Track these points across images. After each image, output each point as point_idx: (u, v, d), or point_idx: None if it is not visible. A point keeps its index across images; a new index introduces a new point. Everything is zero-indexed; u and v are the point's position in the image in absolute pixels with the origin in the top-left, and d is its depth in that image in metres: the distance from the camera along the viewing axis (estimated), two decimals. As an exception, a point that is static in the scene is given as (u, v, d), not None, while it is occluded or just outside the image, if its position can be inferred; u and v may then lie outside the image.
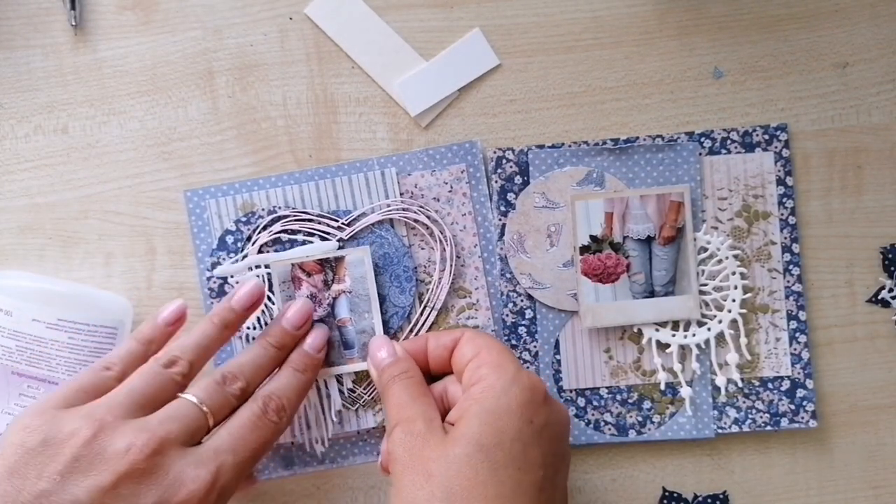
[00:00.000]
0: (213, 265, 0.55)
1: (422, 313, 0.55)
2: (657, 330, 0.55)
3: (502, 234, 0.55)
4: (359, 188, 0.55)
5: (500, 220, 0.55)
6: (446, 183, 0.55)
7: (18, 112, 0.56)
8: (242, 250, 0.54)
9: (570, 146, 0.56)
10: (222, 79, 0.56)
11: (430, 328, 0.55)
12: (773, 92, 0.57)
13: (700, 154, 0.56)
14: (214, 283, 0.55)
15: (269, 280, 0.54)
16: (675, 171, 0.56)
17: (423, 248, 0.55)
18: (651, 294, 0.55)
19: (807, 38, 0.57)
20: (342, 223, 0.54)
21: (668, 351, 0.55)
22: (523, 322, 0.55)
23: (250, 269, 0.54)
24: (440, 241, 0.55)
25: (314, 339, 0.52)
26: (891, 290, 0.57)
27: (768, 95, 0.57)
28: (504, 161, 0.56)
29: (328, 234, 0.54)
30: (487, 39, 0.56)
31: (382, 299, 0.54)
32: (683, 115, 0.57)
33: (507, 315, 0.55)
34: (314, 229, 0.54)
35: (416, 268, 0.55)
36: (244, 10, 0.56)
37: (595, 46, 0.57)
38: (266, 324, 0.54)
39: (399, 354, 0.51)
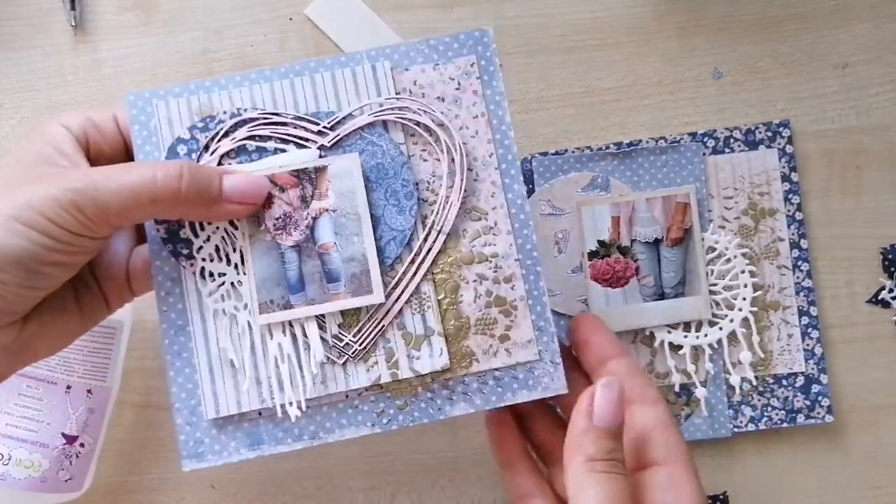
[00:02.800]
0: None
1: (426, 239, 0.43)
2: (669, 332, 0.55)
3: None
4: (344, 86, 0.44)
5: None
6: (452, 79, 0.44)
7: (18, 112, 0.56)
8: (198, 162, 0.43)
9: (573, 152, 0.56)
10: (222, 79, 0.56)
11: (437, 258, 0.43)
12: (773, 92, 0.57)
13: (704, 154, 0.56)
14: None
15: None
16: (680, 173, 0.56)
17: (425, 160, 0.44)
18: (661, 296, 0.55)
19: (807, 39, 0.57)
20: (324, 126, 0.44)
21: (680, 352, 0.55)
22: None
23: None
24: (447, 149, 0.44)
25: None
26: (890, 291, 0.57)
27: (768, 96, 0.57)
28: (508, 167, 0.55)
29: (306, 140, 0.44)
30: (487, 40, 0.57)
31: (376, 221, 0.43)
32: (683, 115, 0.57)
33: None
34: (289, 135, 0.44)
35: (417, 183, 0.44)
36: (244, 10, 0.56)
37: (595, 47, 0.57)
38: (227, 252, 0.43)
39: (616, 428, 0.40)
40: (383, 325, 0.43)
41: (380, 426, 0.42)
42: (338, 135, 0.44)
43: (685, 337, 0.55)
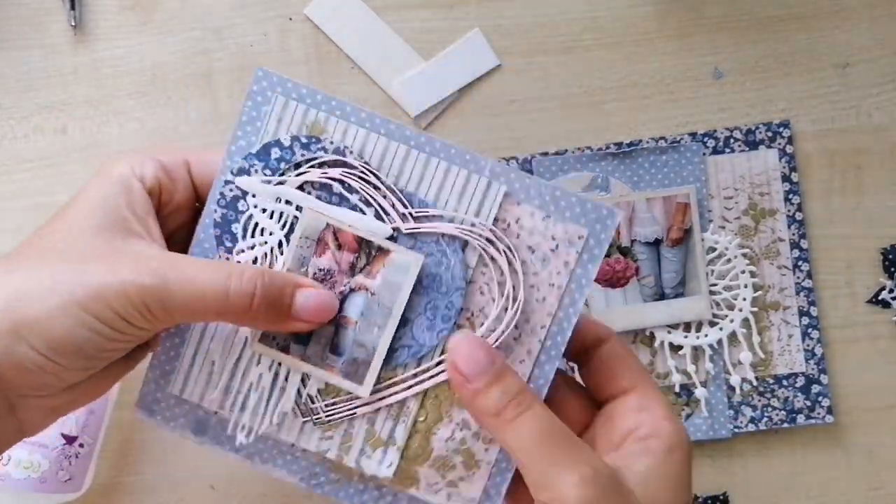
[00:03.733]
0: (241, 171, 0.42)
1: (438, 364, 0.42)
2: (669, 332, 0.55)
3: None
4: (452, 184, 0.42)
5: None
6: (554, 239, 0.42)
7: (18, 112, 0.56)
8: (283, 174, 0.42)
9: (573, 152, 0.56)
10: (222, 79, 0.56)
11: (437, 386, 0.43)
12: (773, 92, 0.57)
13: (704, 154, 0.56)
14: (231, 191, 0.42)
15: (293, 226, 0.42)
16: (680, 173, 0.56)
17: (482, 294, 0.42)
18: (661, 297, 0.55)
19: (807, 39, 0.57)
20: (410, 212, 0.42)
21: (680, 353, 0.55)
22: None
23: (279, 200, 0.42)
24: (508, 297, 0.42)
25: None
26: (891, 291, 0.57)
27: (768, 96, 0.57)
28: (508, 169, 0.55)
29: (388, 214, 0.42)
30: (487, 40, 0.56)
31: (404, 322, 0.42)
32: (683, 115, 0.57)
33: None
34: (375, 200, 0.42)
35: (461, 310, 0.42)
36: (244, 10, 0.56)
37: (595, 47, 0.57)
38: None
39: (500, 364, 0.40)
40: (355, 413, 0.43)
41: (306, 483, 0.44)
42: (418, 228, 0.42)
43: (685, 337, 0.55)
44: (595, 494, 0.37)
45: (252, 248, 0.43)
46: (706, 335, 0.55)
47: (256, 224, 0.42)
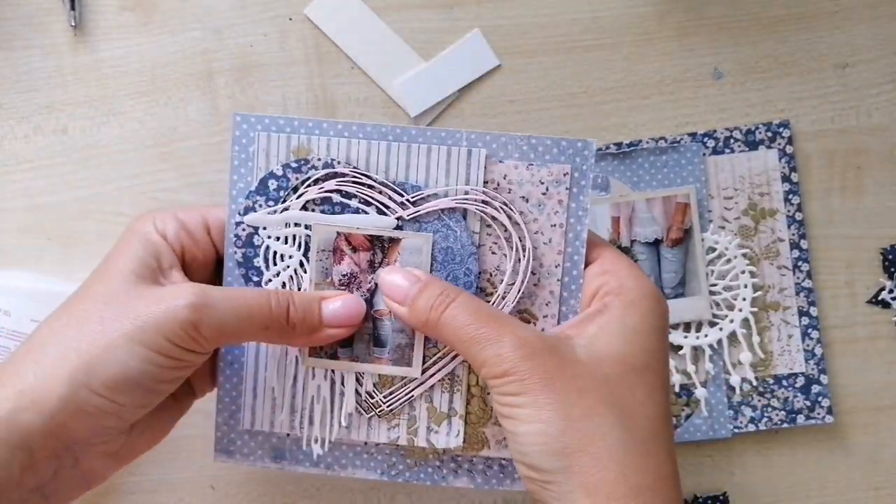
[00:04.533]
0: (247, 209, 0.46)
1: None
2: (669, 332, 0.55)
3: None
4: (437, 163, 0.45)
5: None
6: (542, 183, 0.45)
7: (18, 112, 0.56)
8: (284, 201, 0.45)
9: (573, 152, 0.56)
10: (222, 79, 0.56)
11: None
12: (773, 92, 0.57)
13: (704, 154, 0.56)
14: (243, 230, 0.46)
15: (307, 244, 0.46)
16: (680, 173, 0.56)
17: (494, 253, 0.45)
18: (661, 297, 0.55)
19: (807, 39, 0.57)
20: (407, 199, 0.45)
21: (680, 353, 0.55)
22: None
23: (288, 225, 0.46)
24: (517, 248, 0.45)
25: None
26: (891, 291, 0.57)
27: (768, 96, 0.57)
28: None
29: (388, 207, 0.45)
30: (487, 40, 0.57)
31: None
32: (683, 115, 0.57)
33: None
34: (373, 198, 0.45)
35: (480, 273, 0.45)
36: (244, 10, 0.56)
37: (595, 47, 0.57)
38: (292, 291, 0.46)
39: (424, 278, 0.43)
40: (413, 395, 0.46)
41: (388, 476, 0.47)
42: (418, 210, 0.45)
43: (685, 337, 0.55)
44: (524, 354, 0.39)
45: (277, 275, 0.46)
46: (706, 335, 0.55)
47: (275, 252, 0.46)
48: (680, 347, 0.55)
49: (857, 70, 0.57)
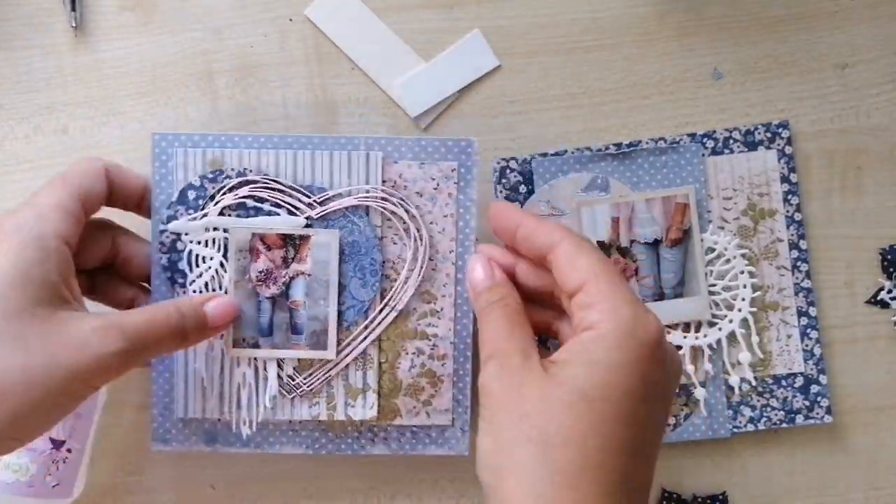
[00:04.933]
0: (170, 218, 0.51)
1: (381, 311, 0.52)
2: (668, 332, 0.55)
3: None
4: (339, 166, 0.51)
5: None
6: (433, 179, 0.51)
7: (18, 113, 0.56)
8: (203, 209, 0.51)
9: (573, 153, 0.56)
10: (222, 80, 0.56)
11: (386, 328, 0.52)
12: (773, 93, 0.57)
13: (703, 155, 0.56)
14: (167, 238, 0.51)
15: (226, 246, 0.51)
16: (679, 173, 0.56)
17: (395, 243, 0.52)
18: (661, 297, 0.55)
19: (807, 39, 0.57)
20: (314, 200, 0.51)
21: (680, 353, 0.55)
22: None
23: (207, 230, 0.51)
24: (415, 238, 0.51)
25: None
26: (890, 291, 0.57)
27: (768, 96, 0.57)
28: (508, 171, 0.56)
29: (297, 209, 0.51)
30: (487, 41, 0.57)
31: (342, 288, 0.51)
32: (683, 116, 0.57)
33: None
34: (283, 201, 0.51)
35: (384, 262, 0.51)
36: (244, 10, 0.56)
37: (595, 48, 0.57)
38: (214, 289, 0.51)
39: (497, 279, 0.47)
40: (330, 375, 0.52)
41: (312, 450, 0.52)
42: (325, 210, 0.51)
43: (684, 337, 0.55)
44: (499, 377, 0.43)
45: (200, 276, 0.51)
46: (705, 335, 0.55)
47: (197, 255, 0.51)
48: (679, 347, 0.55)
49: (857, 70, 0.57)
